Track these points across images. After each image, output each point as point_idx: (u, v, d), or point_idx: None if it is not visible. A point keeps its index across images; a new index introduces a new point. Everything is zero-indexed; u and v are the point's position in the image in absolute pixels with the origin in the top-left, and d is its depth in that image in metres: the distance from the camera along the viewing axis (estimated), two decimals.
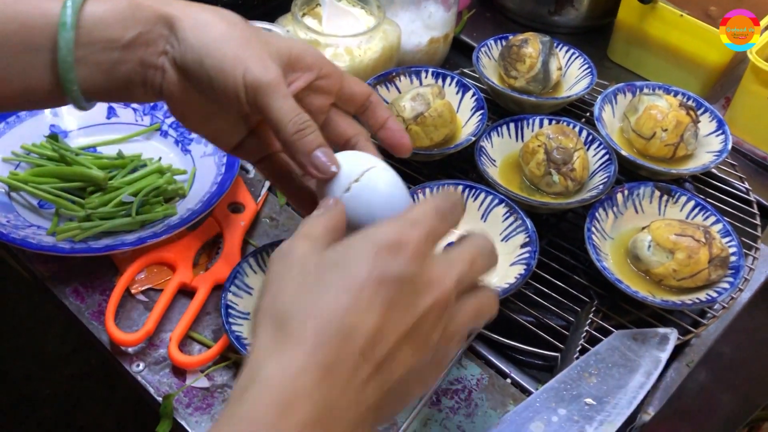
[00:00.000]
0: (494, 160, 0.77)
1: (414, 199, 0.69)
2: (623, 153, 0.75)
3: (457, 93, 0.81)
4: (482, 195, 0.72)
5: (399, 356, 0.38)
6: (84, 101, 0.50)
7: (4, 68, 0.48)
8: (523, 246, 0.68)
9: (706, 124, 0.80)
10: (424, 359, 0.39)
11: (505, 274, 0.66)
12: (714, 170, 0.81)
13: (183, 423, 0.60)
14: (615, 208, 0.72)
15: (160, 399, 0.61)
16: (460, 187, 0.72)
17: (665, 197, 0.73)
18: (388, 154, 0.53)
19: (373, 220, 0.44)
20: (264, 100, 0.45)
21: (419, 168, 0.78)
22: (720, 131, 0.79)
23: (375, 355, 0.37)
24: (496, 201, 0.71)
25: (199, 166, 0.77)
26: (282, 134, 0.45)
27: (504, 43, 0.86)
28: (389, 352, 0.37)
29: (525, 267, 0.65)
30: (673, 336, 0.61)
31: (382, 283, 0.37)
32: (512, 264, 0.67)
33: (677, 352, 0.67)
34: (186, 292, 0.68)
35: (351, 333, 0.36)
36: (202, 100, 0.50)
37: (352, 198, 0.44)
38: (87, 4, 0.48)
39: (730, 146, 0.77)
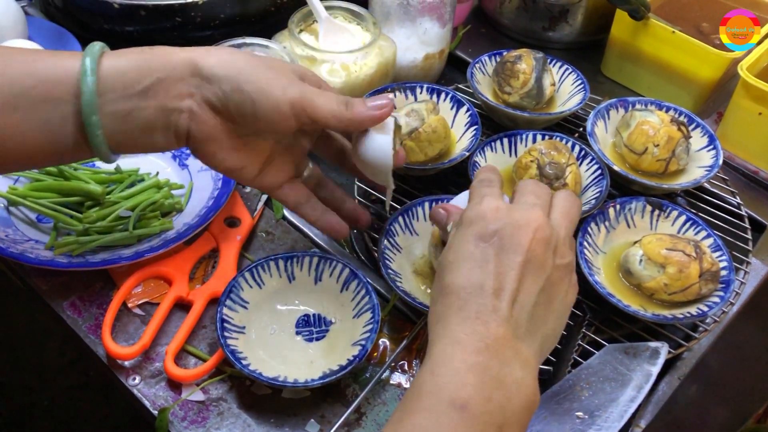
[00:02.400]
0: None
1: (412, 214, 0.72)
2: (615, 168, 0.76)
3: (452, 108, 0.82)
4: None
5: (525, 286, 0.47)
6: (109, 150, 0.52)
7: (24, 120, 0.50)
8: None
9: (698, 139, 0.80)
10: (550, 279, 0.48)
11: None
12: (706, 185, 0.81)
13: None
14: (607, 223, 0.73)
15: (155, 412, 0.61)
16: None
17: (657, 212, 0.74)
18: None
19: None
20: (311, 106, 0.54)
21: (414, 183, 0.79)
22: (711, 146, 0.80)
23: (506, 292, 0.47)
24: None
25: (196, 181, 0.77)
26: (334, 120, 0.54)
27: (498, 59, 0.87)
28: (515, 286, 0.47)
29: None
30: (663, 350, 0.62)
31: (485, 242, 0.48)
32: None
33: (669, 365, 0.68)
34: (182, 305, 0.68)
35: (482, 285, 0.47)
36: (232, 135, 0.55)
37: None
38: (105, 57, 0.51)
39: (721, 161, 0.77)
